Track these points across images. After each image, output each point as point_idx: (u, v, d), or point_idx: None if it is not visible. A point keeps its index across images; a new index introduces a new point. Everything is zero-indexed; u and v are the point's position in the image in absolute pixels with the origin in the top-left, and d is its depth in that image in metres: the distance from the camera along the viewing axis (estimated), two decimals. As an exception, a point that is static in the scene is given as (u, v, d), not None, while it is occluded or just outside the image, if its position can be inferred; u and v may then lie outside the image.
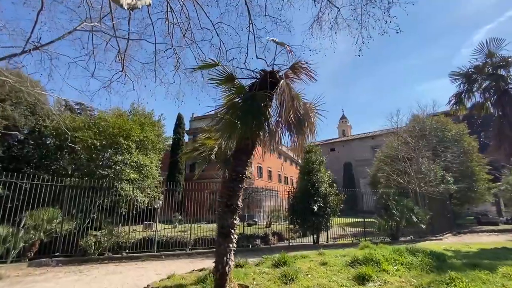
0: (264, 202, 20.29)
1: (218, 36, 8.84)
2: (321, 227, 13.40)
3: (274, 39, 4.05)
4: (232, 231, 4.11)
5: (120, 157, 15.06)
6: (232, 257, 4.11)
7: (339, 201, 14.03)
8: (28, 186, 8.98)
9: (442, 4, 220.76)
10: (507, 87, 11.19)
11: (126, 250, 10.24)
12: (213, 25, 8.67)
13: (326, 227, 13.64)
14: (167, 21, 8.38)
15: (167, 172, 23.98)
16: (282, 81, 3.88)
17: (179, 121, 27.36)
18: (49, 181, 9.32)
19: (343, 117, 64.54)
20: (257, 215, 20.18)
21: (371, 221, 15.06)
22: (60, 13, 13.94)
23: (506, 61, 11.26)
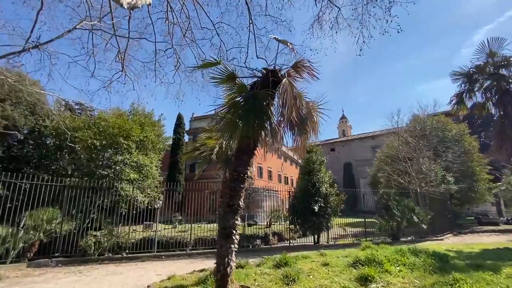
0: (264, 202, 20.22)
1: (218, 36, 8.80)
2: (321, 227, 13.35)
3: (276, 37, 4.00)
4: (233, 231, 4.06)
5: (120, 157, 15.01)
6: (233, 258, 4.06)
7: (339, 201, 13.99)
8: (27, 186, 8.93)
9: (442, 4, 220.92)
10: (508, 87, 11.14)
11: (126, 250, 10.19)
12: (213, 24, 8.63)
13: (326, 227, 13.60)
14: (167, 21, 8.34)
15: (167, 172, 23.94)
16: (284, 80, 3.83)
17: (179, 121, 27.31)
18: (48, 181, 9.26)
19: (343, 117, 64.53)
20: (257, 215, 20.14)
21: (371, 221, 15.01)
22: (60, 13, 13.91)
23: (508, 60, 11.22)
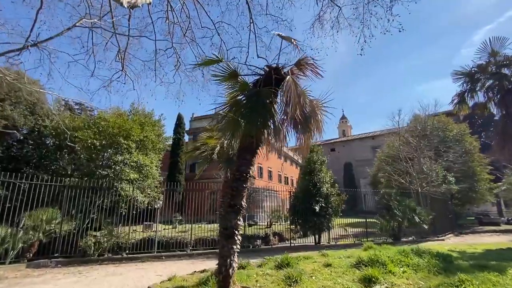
0: (264, 203, 20.16)
1: (218, 35, 8.75)
2: (322, 228, 13.29)
3: (280, 33, 3.93)
4: (236, 232, 3.98)
5: (120, 157, 14.95)
6: (236, 259, 3.99)
7: (340, 201, 13.93)
8: (27, 186, 8.87)
9: (442, 4, 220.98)
10: (511, 86, 11.06)
11: (126, 250, 10.12)
12: (213, 24, 8.58)
13: (328, 228, 13.54)
14: (168, 20, 8.30)
15: (167, 172, 23.87)
16: (288, 77, 3.76)
17: (179, 121, 27.24)
18: (48, 181, 9.20)
19: (343, 117, 64.50)
20: (257, 216, 20.08)
21: (372, 221, 14.95)
22: (59, 13, 13.86)
23: (510, 60, 11.15)
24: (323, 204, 13.01)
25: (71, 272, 7.91)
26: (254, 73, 4.32)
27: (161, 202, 13.54)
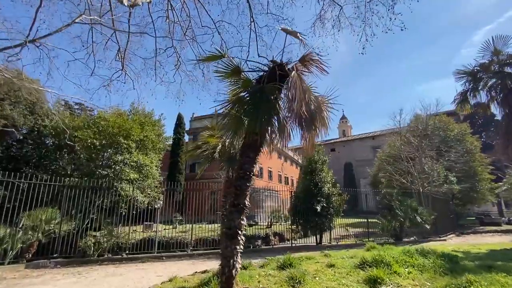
0: (264, 203, 20.10)
1: (219, 35, 8.68)
2: (324, 228, 13.21)
3: (285, 27, 3.83)
4: (239, 232, 3.89)
5: (120, 157, 14.86)
6: (239, 260, 3.90)
7: (342, 201, 13.83)
8: (26, 186, 8.78)
9: (442, 4, 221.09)
10: (514, 85, 10.97)
11: (126, 251, 10.03)
12: (214, 23, 8.51)
13: (329, 228, 13.45)
14: (168, 19, 8.24)
15: (167, 172, 23.79)
16: (293, 73, 3.66)
17: (179, 121, 27.14)
18: (47, 181, 9.11)
19: (343, 117, 64.41)
20: (258, 216, 20.00)
21: (373, 221, 14.85)
22: (59, 12, 13.75)
23: (513, 58, 11.05)
24: (324, 204, 12.93)
25: (70, 272, 7.83)
26: (257, 69, 4.24)
27: (161, 202, 13.47)
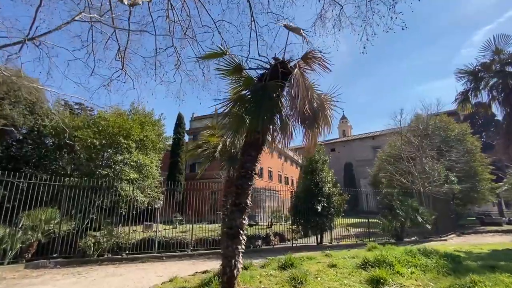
0: (265, 203, 20.03)
1: (219, 34, 8.63)
2: (325, 228, 13.15)
3: (287, 24, 3.78)
4: (241, 231, 3.84)
5: (120, 157, 14.82)
6: (240, 260, 3.85)
7: (342, 201, 13.78)
8: (25, 186, 8.74)
9: (442, 4, 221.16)
10: (515, 85, 10.92)
11: (126, 251, 9.98)
12: (214, 22, 8.47)
13: (330, 228, 13.41)
14: (168, 19, 8.21)
15: (167, 172, 23.74)
16: (296, 70, 3.61)
17: (179, 121, 27.08)
18: (47, 181, 9.06)
19: (343, 117, 64.30)
20: (258, 216, 19.95)
21: (373, 221, 14.80)
22: (59, 11, 13.72)
23: (514, 58, 11.01)
24: (325, 204, 12.88)
25: (70, 272, 7.78)
26: (259, 67, 4.19)
27: (161, 202, 13.41)
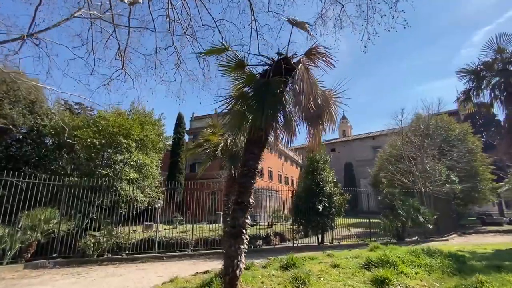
0: (265, 203, 20.01)
1: (220, 33, 8.56)
2: (326, 228, 13.09)
3: (291, 18, 3.70)
4: (243, 231, 3.76)
5: (120, 157, 14.75)
6: (243, 260, 3.77)
7: (343, 201, 13.72)
8: (25, 185, 8.67)
9: (442, 4, 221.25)
10: (518, 84, 10.87)
11: (126, 251, 9.91)
12: (214, 22, 8.39)
13: (331, 228, 13.34)
14: (168, 18, 8.15)
15: (167, 172, 23.69)
16: (300, 65, 3.53)
17: (180, 121, 27.02)
18: (46, 180, 8.99)
19: (343, 117, 64.14)
20: (258, 216, 19.90)
21: (374, 221, 14.72)
22: (58, 10, 13.66)
23: (517, 57, 10.96)
24: (326, 204, 12.82)
25: (69, 273, 7.72)
26: (261, 63, 4.12)
27: (161, 202, 13.35)
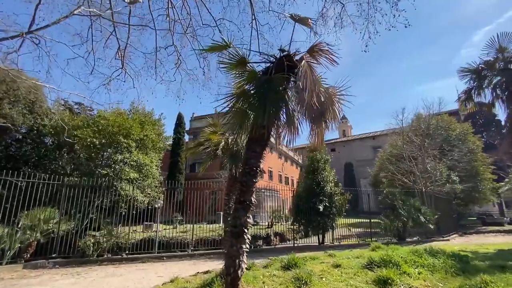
0: (265, 203, 19.95)
1: (220, 33, 8.52)
2: (327, 228, 13.04)
3: (294, 14, 3.65)
4: (245, 230, 3.70)
5: (120, 156, 14.71)
6: (245, 260, 3.70)
7: (344, 201, 13.68)
8: (24, 185, 8.61)
9: (442, 4, 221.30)
10: (519, 83, 10.81)
11: (126, 251, 9.86)
12: (215, 21, 8.35)
13: (332, 228, 13.29)
14: (168, 18, 8.11)
15: (167, 172, 23.65)
16: (303, 62, 3.48)
17: (180, 121, 26.98)
18: (46, 180, 8.94)
19: (343, 117, 64.15)
20: (258, 216, 19.85)
21: (374, 221, 14.67)
22: (59, 9, 13.62)
23: (518, 56, 10.90)
24: (327, 204, 12.78)
25: (69, 273, 7.67)
26: (263, 60, 4.06)
27: (161, 202, 13.29)
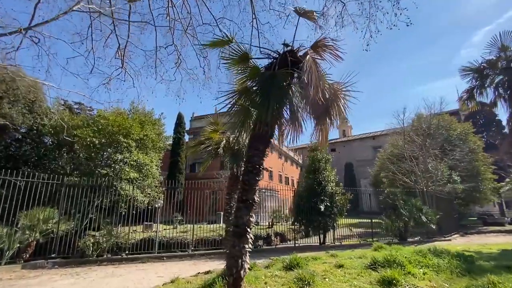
0: (265, 203, 19.90)
1: (220, 32, 8.45)
2: (328, 227, 12.96)
3: (298, 8, 3.57)
4: (248, 230, 3.62)
5: (120, 156, 14.64)
6: (247, 260, 3.62)
7: (345, 200, 13.59)
8: (23, 184, 8.54)
9: (442, 4, 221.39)
10: (522, 82, 10.75)
11: (126, 251, 9.78)
12: (215, 20, 8.30)
13: (333, 227, 13.21)
14: (168, 17, 8.06)
15: (167, 171, 23.58)
16: (308, 57, 3.39)
17: (180, 120, 26.91)
18: (45, 179, 8.86)
19: (343, 117, 64.04)
20: (258, 216, 19.78)
21: (375, 221, 14.59)
22: (58, 7, 13.55)
23: (521, 55, 10.83)
24: (328, 203, 12.70)
25: (68, 273, 7.59)
26: (266, 56, 3.98)
27: (161, 202, 13.21)
